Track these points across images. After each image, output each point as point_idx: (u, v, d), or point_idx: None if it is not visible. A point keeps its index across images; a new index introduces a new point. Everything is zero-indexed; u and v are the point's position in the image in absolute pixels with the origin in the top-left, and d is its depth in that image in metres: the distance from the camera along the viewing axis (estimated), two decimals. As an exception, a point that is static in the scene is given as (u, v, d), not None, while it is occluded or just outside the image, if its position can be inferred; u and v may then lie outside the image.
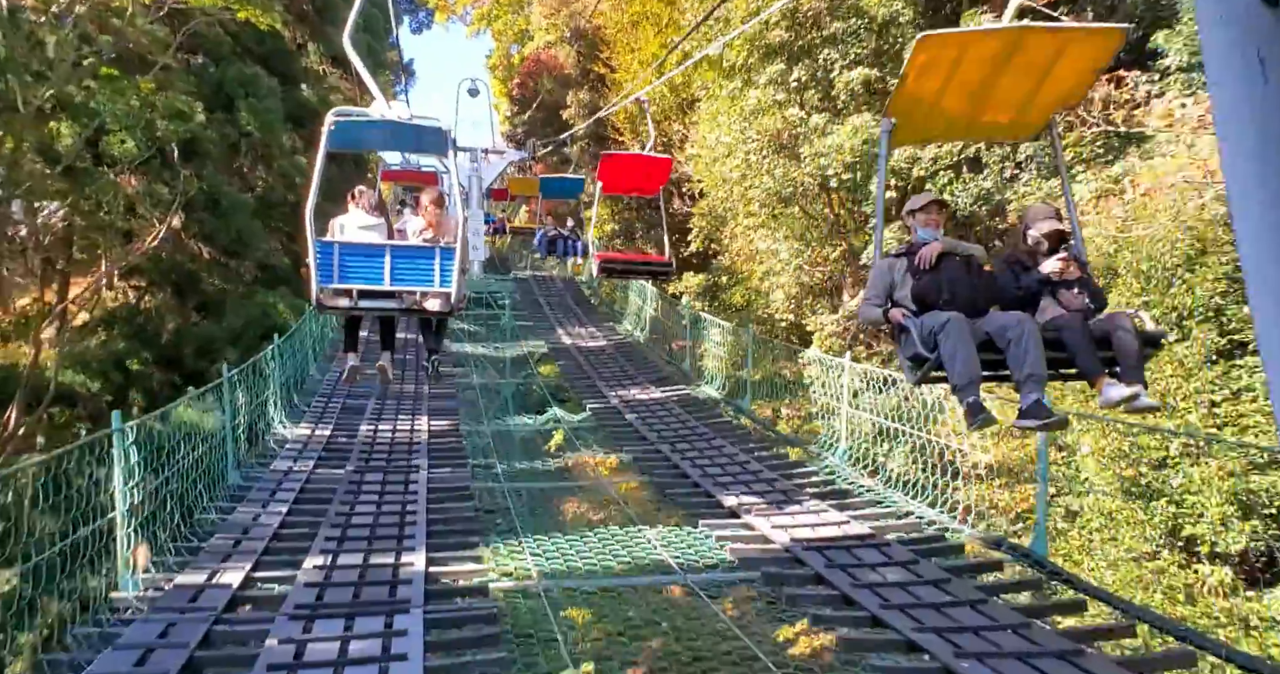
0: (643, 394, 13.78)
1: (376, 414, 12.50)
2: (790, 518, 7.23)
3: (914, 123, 4.42)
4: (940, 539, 6.60)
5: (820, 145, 13.38)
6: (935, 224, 4.59)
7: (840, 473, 8.98)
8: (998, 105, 4.39)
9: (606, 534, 7.54)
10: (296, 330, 14.26)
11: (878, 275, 4.54)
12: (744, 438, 10.86)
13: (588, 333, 19.34)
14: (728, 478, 8.81)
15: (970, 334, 3.98)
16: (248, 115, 18.71)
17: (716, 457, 9.80)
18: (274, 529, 7.03)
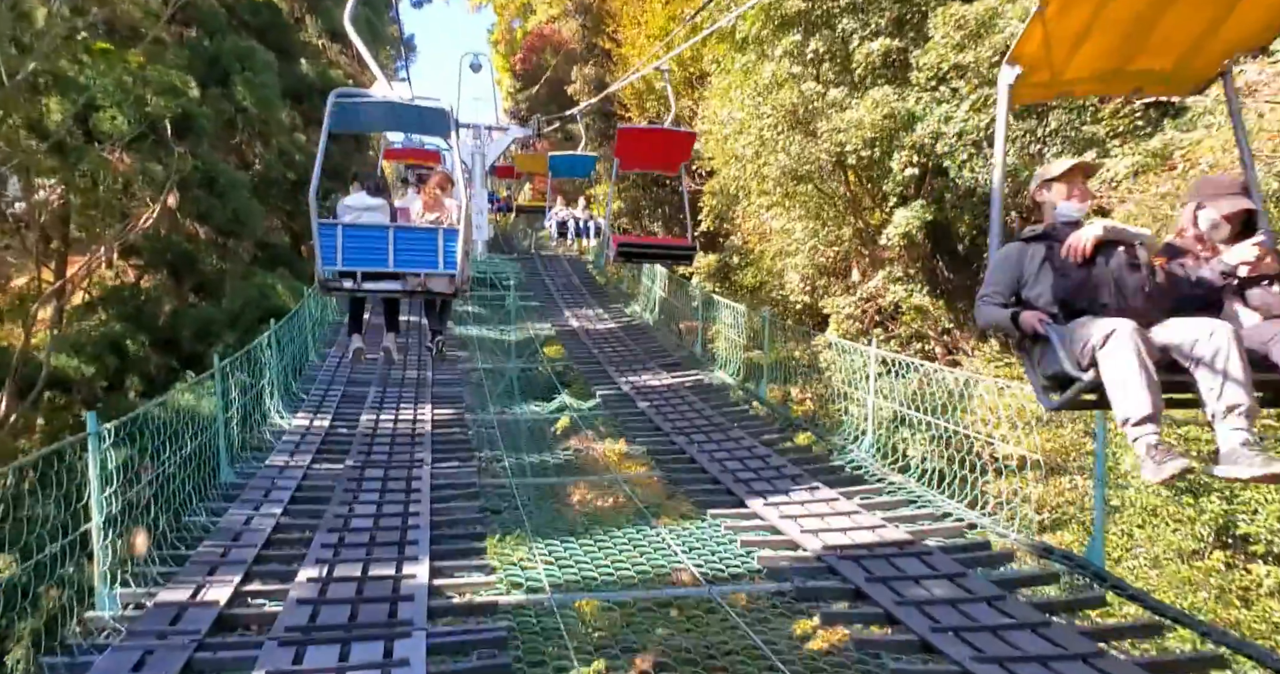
0: (654, 380, 13.28)
1: (378, 402, 12.03)
2: (819, 520, 6.74)
3: (1045, 71, 3.55)
4: (985, 547, 6.11)
5: (838, 121, 12.79)
6: (1082, 197, 3.50)
7: (867, 467, 8.48)
8: (1158, 49, 3.50)
9: (622, 537, 7.07)
10: (295, 314, 13.75)
11: (1002, 265, 3.49)
12: (761, 428, 10.36)
13: (595, 315, 18.82)
14: (748, 473, 8.32)
15: (1147, 350, 3.00)
16: (244, 90, 18.09)
17: (735, 449, 9.31)
18: (267, 534, 6.56)
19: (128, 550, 6.15)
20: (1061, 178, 3.53)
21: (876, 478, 8.15)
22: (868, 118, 12.22)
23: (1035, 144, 12.25)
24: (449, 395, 12.63)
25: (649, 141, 10.95)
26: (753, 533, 6.71)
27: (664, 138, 10.90)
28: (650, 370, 13.96)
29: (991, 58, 11.20)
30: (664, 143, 10.90)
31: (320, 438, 9.96)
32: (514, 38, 45.14)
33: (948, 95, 12.05)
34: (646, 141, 10.95)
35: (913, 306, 13.21)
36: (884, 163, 12.62)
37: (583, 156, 18.17)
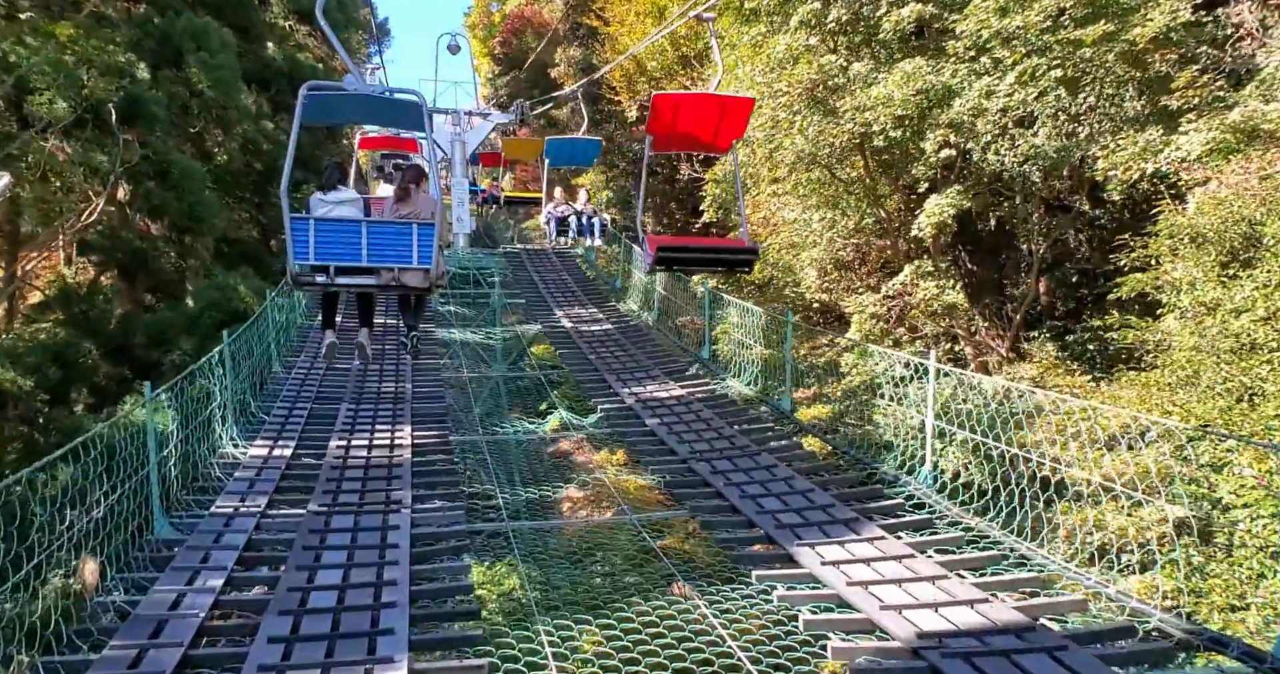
0: (661, 391, 11.90)
1: (350, 422, 10.57)
2: (897, 589, 5.39)
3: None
4: (1130, 632, 4.76)
5: (863, 97, 11.41)
6: None
7: (931, 504, 7.14)
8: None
9: (650, 613, 5.71)
10: (256, 320, 12.24)
11: None
12: (791, 450, 8.99)
13: (588, 314, 17.39)
14: (790, 514, 6.96)
15: None
16: (199, 72, 16.45)
17: (767, 480, 7.95)
18: (199, 621, 5.13)
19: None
20: None
21: (945, 519, 6.81)
22: (898, 93, 10.85)
23: (1069, 123, 10.93)
24: (431, 413, 11.19)
25: (694, 112, 8.53)
26: (815, 606, 5.36)
27: (714, 106, 8.41)
28: (655, 379, 12.57)
29: (1042, 22, 9.85)
30: (713, 112, 8.46)
31: (280, 472, 8.50)
32: (492, 21, 43.42)
33: (989, 66, 10.69)
34: (690, 112, 8.52)
35: (945, 305, 11.88)
36: (913, 144, 11.26)
37: (585, 140, 16.20)
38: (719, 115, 8.46)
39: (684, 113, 8.44)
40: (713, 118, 8.48)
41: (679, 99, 8.44)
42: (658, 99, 8.32)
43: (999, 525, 6.44)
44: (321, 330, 8.82)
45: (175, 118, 17.20)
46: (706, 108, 8.45)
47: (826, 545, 6.19)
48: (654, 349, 14.71)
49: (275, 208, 26.77)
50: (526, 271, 21.51)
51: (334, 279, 6.54)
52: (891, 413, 11.92)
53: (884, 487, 7.89)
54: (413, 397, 11.98)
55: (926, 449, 7.65)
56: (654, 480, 8.67)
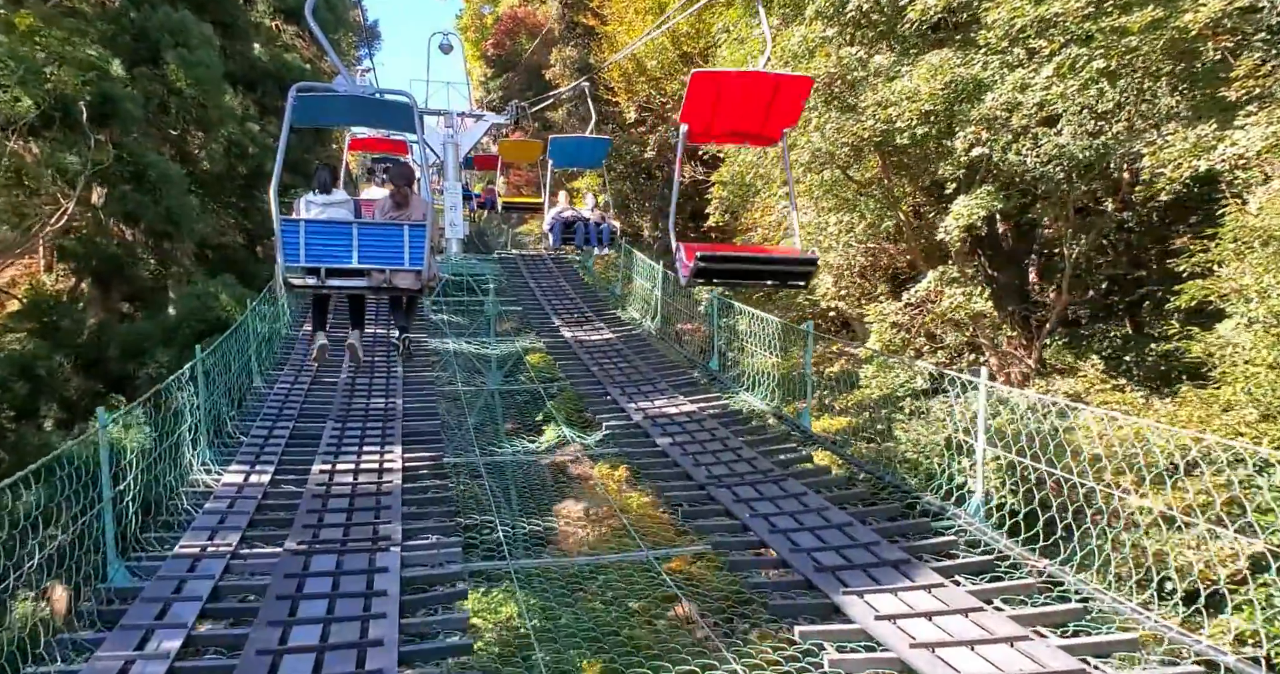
0: (670, 406, 11.10)
1: (335, 443, 9.74)
2: (974, 655, 4.59)
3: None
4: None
5: (886, 92, 10.66)
6: None
7: (988, 542, 6.35)
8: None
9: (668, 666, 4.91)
10: (235, 330, 11.41)
11: None
12: (821, 477, 8.19)
13: (589, 323, 16.59)
14: (830, 553, 6.16)
15: None
16: (177, 69, 15.61)
17: (798, 510, 7.16)
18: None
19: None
20: None
21: (1007, 560, 6.01)
22: (924, 87, 10.11)
23: (1093, 121, 10.19)
24: (423, 432, 10.36)
25: (740, 94, 7.19)
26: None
27: (763, 87, 7.15)
28: (662, 393, 11.77)
29: (1084, 9, 9.11)
30: (763, 94, 7.18)
31: (256, 502, 7.66)
32: (484, 24, 42.70)
33: (1022, 58, 9.96)
34: (736, 94, 7.19)
35: (972, 313, 11.12)
36: (938, 142, 10.51)
37: (593, 139, 15.01)
38: (770, 98, 7.23)
39: (728, 95, 7.18)
40: (762, 101, 7.25)
41: (722, 79, 7.21)
42: (697, 78, 7.10)
43: (1071, 568, 5.64)
44: (311, 332, 8.65)
45: (153, 117, 16.35)
46: (755, 89, 7.18)
47: (878, 594, 5.40)
48: (659, 360, 13.92)
49: (261, 212, 25.91)
50: (523, 278, 20.71)
51: (325, 281, 6.53)
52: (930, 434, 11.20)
53: (929, 518, 7.10)
54: (404, 413, 11.16)
55: (978, 478, 6.85)
56: (669, 509, 7.84)
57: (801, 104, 7.49)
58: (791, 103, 7.37)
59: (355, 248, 6.47)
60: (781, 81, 7.23)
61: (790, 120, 7.68)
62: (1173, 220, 12.66)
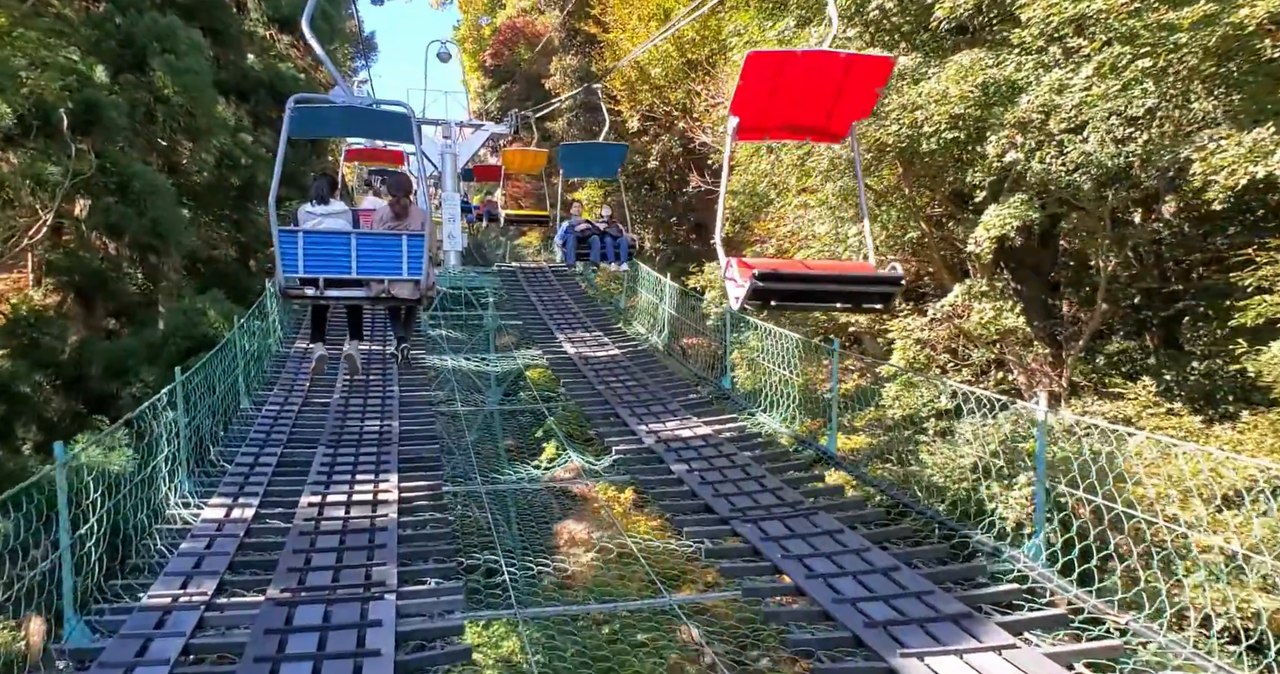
0: (682, 428, 10.44)
1: (327, 471, 9.04)
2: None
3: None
4: None
5: (912, 94, 10.06)
6: None
7: (1057, 592, 5.67)
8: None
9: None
10: (221, 349, 10.74)
11: None
12: (858, 511, 7.52)
13: (593, 338, 15.93)
14: (878, 605, 5.48)
15: None
16: (164, 75, 14.99)
17: (835, 551, 6.48)
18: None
19: None
20: None
21: (1080, 613, 5.34)
22: (954, 89, 9.49)
23: (1122, 127, 9.57)
24: (421, 458, 9.68)
25: (804, 78, 5.96)
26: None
27: (832, 70, 5.95)
28: (674, 414, 11.11)
29: (1128, 5, 8.51)
30: (831, 78, 6.03)
31: (238, 540, 6.97)
32: (481, 35, 42.26)
33: (1059, 58, 9.36)
34: (799, 79, 5.96)
35: (1003, 329, 10.48)
36: (975, 146, 9.90)
37: (608, 145, 13.87)
38: (839, 84, 6.07)
39: (789, 81, 6.01)
40: (829, 87, 6.13)
41: (784, 60, 6.01)
42: (754, 61, 5.88)
43: (1162, 627, 4.97)
44: (310, 342, 8.77)
45: (140, 126, 15.74)
46: (822, 73, 5.94)
47: (941, 657, 4.73)
48: (668, 377, 13.27)
49: (255, 225, 25.32)
50: (523, 291, 20.06)
51: (323, 291, 6.51)
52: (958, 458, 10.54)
53: (972, 555, 6.44)
54: (400, 436, 10.48)
55: (1038, 518, 6.16)
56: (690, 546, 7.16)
57: (877, 92, 6.38)
58: (864, 90, 6.21)
59: (354, 258, 6.47)
60: (854, 63, 6.01)
61: (862, 111, 6.55)
62: (1207, 232, 12.07)
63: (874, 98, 6.41)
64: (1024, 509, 10.62)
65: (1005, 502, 10.70)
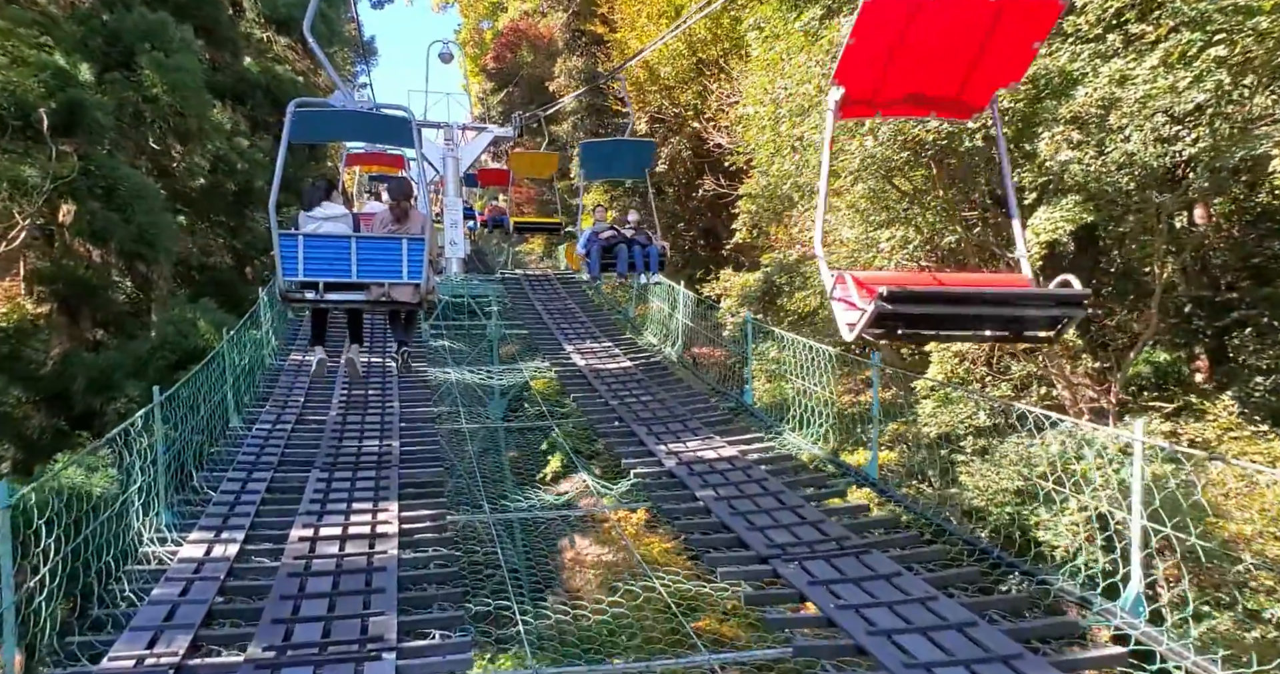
0: (706, 449, 9.65)
1: (320, 498, 8.25)
2: None
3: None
4: None
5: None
6: None
7: (1169, 655, 4.87)
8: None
9: None
10: (208, 364, 9.98)
11: None
12: (914, 549, 6.73)
13: (603, 349, 15.16)
14: (958, 671, 4.70)
15: None
16: (152, 74, 14.25)
17: (896, 600, 5.66)
18: None
19: None
20: None
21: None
22: (1005, 81, 8.74)
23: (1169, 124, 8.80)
24: (423, 484, 8.89)
25: (939, 32, 4.56)
26: None
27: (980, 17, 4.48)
28: (695, 433, 10.32)
29: (1200, -13, 7.77)
30: (974, 33, 4.60)
31: (217, 585, 6.18)
32: (483, 39, 41.61)
33: (1118, 46, 8.61)
34: (932, 33, 4.56)
35: (1053, 341, 9.69)
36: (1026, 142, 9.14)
37: (634, 142, 12.29)
38: (984, 36, 4.62)
39: (918, 34, 4.53)
40: (971, 43, 4.67)
41: (915, 6, 4.37)
42: (873, 8, 4.35)
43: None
44: (310, 346, 8.75)
45: (128, 128, 14.99)
46: (965, 23, 4.50)
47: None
48: (684, 392, 12.49)
49: (252, 232, 24.62)
50: (527, 299, 19.30)
51: (323, 295, 6.54)
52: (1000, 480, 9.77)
53: (1058, 602, 5.65)
54: (401, 457, 9.70)
55: (1133, 565, 5.36)
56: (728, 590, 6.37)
57: (1034, 48, 4.81)
58: (1017, 44, 4.69)
59: (354, 262, 6.47)
60: (1008, 7, 4.44)
61: (1012, 72, 5.01)
62: (1264, 234, 11.32)
63: (1029, 56, 4.87)
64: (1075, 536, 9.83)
65: (1054, 528, 9.92)
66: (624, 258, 11.82)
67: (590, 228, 12.34)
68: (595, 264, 11.91)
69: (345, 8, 29.82)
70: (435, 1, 49.54)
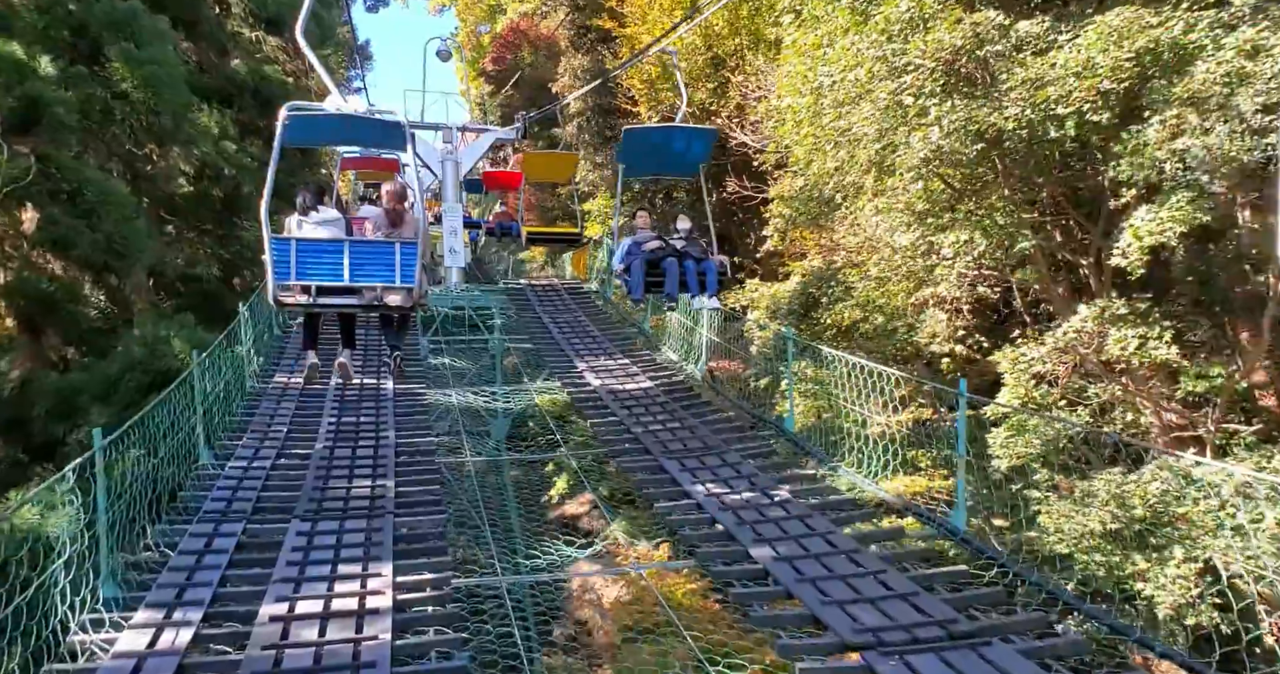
0: (750, 490, 8.27)
1: (300, 559, 6.87)
2: None
3: None
4: None
5: (1041, 67, 7.99)
6: None
7: None
8: None
9: None
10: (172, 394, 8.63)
11: None
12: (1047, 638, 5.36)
13: (620, 367, 13.79)
14: None
15: None
16: (122, 67, 12.92)
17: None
18: None
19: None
20: None
21: None
22: (1102, 58, 7.42)
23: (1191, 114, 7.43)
24: (423, 537, 7.53)
25: None
26: None
27: None
28: (736, 468, 8.95)
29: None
30: None
31: (159, 692, 4.82)
32: (480, 42, 40.44)
33: (1244, 13, 7.30)
34: None
35: (1154, 362, 8.34)
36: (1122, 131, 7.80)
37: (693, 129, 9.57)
38: None
39: None
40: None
41: None
42: None
43: None
44: (303, 350, 8.72)
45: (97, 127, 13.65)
46: None
47: None
48: (714, 417, 11.13)
49: (239, 241, 23.28)
50: (533, 312, 17.92)
51: (316, 299, 6.52)
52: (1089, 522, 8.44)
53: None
54: (396, 503, 8.32)
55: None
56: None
57: None
58: None
59: (346, 265, 6.44)
60: None
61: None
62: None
63: None
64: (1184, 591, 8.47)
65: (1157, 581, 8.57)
66: (673, 275, 9.44)
67: (631, 237, 9.99)
68: (638, 283, 9.46)
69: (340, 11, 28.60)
70: (432, 4, 48.41)
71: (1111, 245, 8.19)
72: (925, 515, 7.18)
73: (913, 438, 11.02)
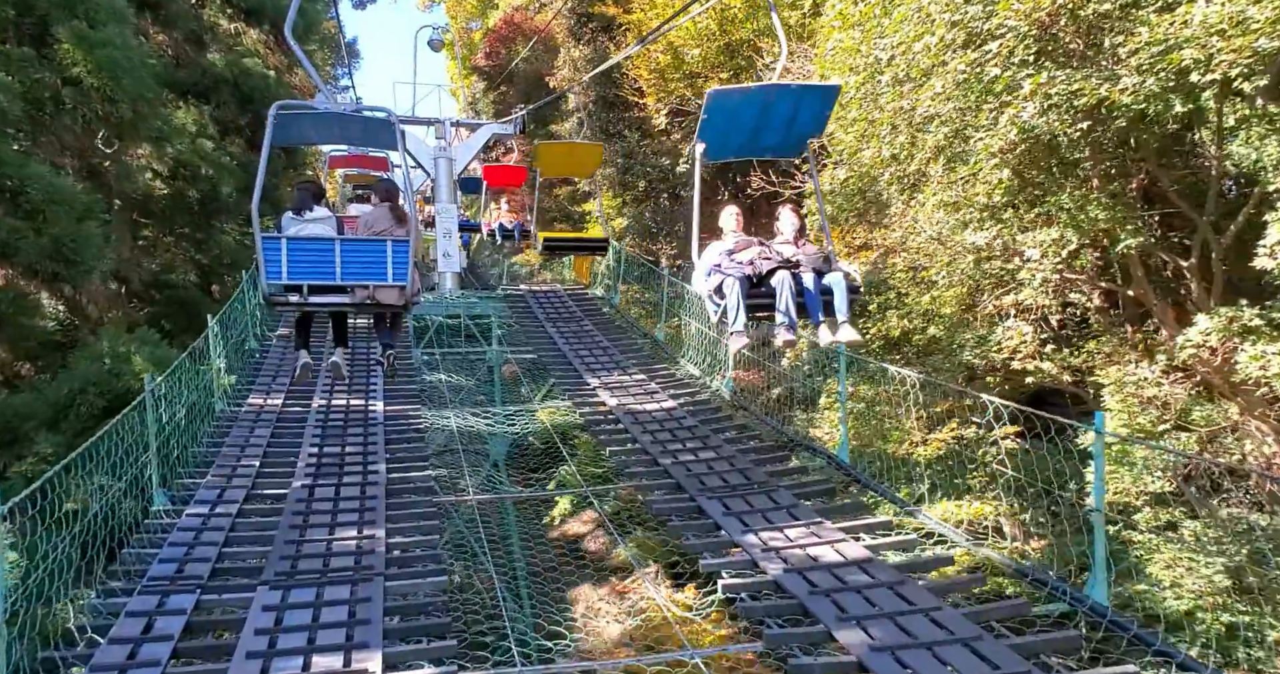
0: (817, 542, 6.81)
1: (263, 649, 5.38)
2: None
3: None
4: None
5: (1162, 28, 6.57)
6: None
7: None
8: None
9: None
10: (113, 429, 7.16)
11: None
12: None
13: (636, 384, 12.33)
14: None
15: None
16: (72, 49, 11.40)
17: None
18: None
19: None
20: None
21: None
22: (1257, 10, 6.02)
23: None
24: (421, 608, 6.07)
25: None
26: None
27: None
28: (790, 511, 7.51)
29: None
30: None
31: None
32: (471, 39, 39.02)
33: None
34: None
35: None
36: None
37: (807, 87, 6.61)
38: None
39: None
40: None
41: None
42: None
43: None
44: (295, 350, 8.57)
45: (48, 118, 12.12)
46: None
47: None
48: (751, 444, 9.70)
49: (219, 245, 21.85)
50: (536, 320, 16.49)
51: (307, 298, 6.52)
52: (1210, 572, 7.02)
53: None
54: (388, 559, 6.86)
55: None
56: None
57: None
58: None
59: (338, 264, 6.45)
60: None
61: None
62: None
63: None
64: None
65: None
66: (789, 295, 6.46)
67: (716, 245, 6.98)
68: (739, 306, 6.48)
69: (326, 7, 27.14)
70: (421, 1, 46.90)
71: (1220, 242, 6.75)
72: (1057, 588, 5.71)
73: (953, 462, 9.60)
